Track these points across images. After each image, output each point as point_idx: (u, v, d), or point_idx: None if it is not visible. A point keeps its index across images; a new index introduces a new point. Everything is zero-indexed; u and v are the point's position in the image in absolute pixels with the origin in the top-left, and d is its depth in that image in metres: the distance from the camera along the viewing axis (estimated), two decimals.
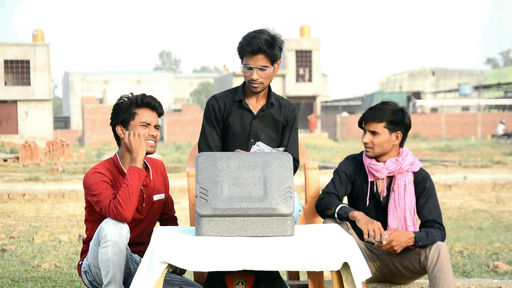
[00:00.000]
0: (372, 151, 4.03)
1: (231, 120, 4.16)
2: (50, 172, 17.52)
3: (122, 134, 3.87)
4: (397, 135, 4.03)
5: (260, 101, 4.18)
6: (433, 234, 3.87)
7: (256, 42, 3.94)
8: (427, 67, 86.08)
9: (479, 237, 7.91)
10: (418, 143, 37.40)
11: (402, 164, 4.02)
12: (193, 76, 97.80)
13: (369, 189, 4.06)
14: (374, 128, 4.01)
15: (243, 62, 4.04)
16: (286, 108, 4.22)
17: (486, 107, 62.07)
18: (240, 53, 4.04)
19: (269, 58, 3.99)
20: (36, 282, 5.26)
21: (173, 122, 52.65)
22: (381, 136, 4.00)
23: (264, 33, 3.98)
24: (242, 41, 4.01)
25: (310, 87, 52.27)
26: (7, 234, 7.92)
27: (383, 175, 4.02)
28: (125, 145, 3.83)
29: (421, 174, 4.07)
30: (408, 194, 3.99)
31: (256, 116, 4.16)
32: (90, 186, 3.74)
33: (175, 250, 3.17)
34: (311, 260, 3.19)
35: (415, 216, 4.01)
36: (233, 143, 4.16)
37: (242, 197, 3.24)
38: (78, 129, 63.14)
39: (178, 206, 11.06)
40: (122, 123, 3.87)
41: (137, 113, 3.85)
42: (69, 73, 72.82)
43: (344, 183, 4.08)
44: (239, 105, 4.17)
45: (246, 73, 4.03)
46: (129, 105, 3.86)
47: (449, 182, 13.94)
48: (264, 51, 3.96)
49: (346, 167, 4.13)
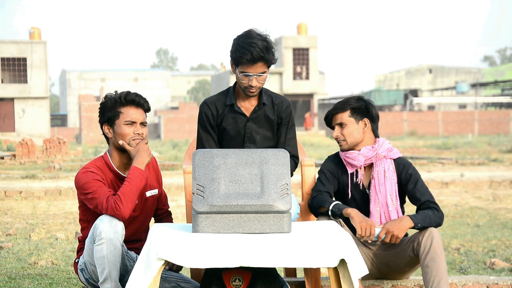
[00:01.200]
0: (345, 143, 4.07)
1: (225, 124, 4.13)
2: (47, 170, 17.51)
3: (109, 133, 3.86)
4: (364, 122, 4.06)
5: (252, 102, 4.14)
6: (429, 216, 3.87)
7: (255, 50, 3.85)
8: (424, 65, 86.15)
9: (476, 234, 7.92)
10: (415, 141, 37.43)
11: (378, 150, 4.04)
12: (190, 74, 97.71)
13: (349, 180, 4.07)
14: (340, 119, 4.06)
15: (238, 69, 3.96)
16: (279, 106, 4.18)
17: (483, 105, 62.12)
18: (236, 61, 3.94)
19: (267, 63, 3.95)
20: (33, 279, 5.26)
21: (170, 120, 52.61)
22: (348, 126, 4.04)
23: (258, 39, 3.89)
24: (239, 49, 3.89)
25: (307, 85, 52.28)
26: (4, 231, 7.91)
27: (360, 162, 4.04)
28: (113, 144, 3.84)
29: (402, 162, 4.08)
30: (388, 180, 4.00)
31: (250, 118, 4.12)
32: (83, 185, 3.73)
33: (172, 247, 3.17)
34: (308, 257, 3.19)
35: (397, 202, 4.01)
36: (228, 146, 4.14)
37: (239, 194, 3.24)
38: (75, 126, 63.07)
39: (175, 203, 11.06)
40: (108, 122, 3.86)
41: (122, 112, 3.82)
42: (66, 70, 72.69)
43: (330, 180, 4.11)
44: (231, 109, 4.12)
45: (244, 79, 3.96)
46: (113, 104, 3.84)
47: (446, 180, 13.95)
48: (263, 58, 3.90)
49: (328, 165, 4.16)
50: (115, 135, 3.84)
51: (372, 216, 4.01)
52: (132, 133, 3.82)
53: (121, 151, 3.87)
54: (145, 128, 3.89)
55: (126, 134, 3.81)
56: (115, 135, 3.84)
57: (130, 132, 3.82)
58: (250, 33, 3.94)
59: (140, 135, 3.84)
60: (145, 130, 3.89)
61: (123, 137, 3.82)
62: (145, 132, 3.88)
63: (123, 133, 3.81)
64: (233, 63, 4.00)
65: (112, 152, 3.90)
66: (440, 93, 73.40)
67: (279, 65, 51.72)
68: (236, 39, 3.97)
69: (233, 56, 3.96)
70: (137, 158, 3.75)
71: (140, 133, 3.84)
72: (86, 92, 66.24)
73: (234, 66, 4.01)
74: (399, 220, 3.83)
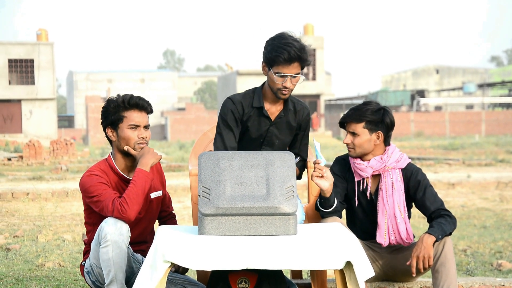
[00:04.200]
0: (354, 151, 4.04)
1: (249, 124, 4.07)
2: (54, 171, 17.55)
3: (112, 136, 3.86)
4: (377, 134, 4.01)
5: (278, 107, 4.09)
6: (445, 225, 3.82)
7: (292, 50, 3.83)
8: (431, 65, 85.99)
9: (482, 236, 7.90)
10: (422, 141, 37.36)
11: (386, 162, 4.00)
12: (197, 75, 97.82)
13: (356, 188, 4.06)
14: (354, 129, 4.01)
15: (273, 69, 3.90)
16: (300, 113, 4.14)
17: (490, 105, 61.95)
18: (272, 61, 3.89)
19: (302, 65, 3.91)
20: (40, 281, 5.27)
21: (177, 121, 52.65)
22: (360, 137, 4.00)
23: (293, 39, 3.87)
24: (276, 49, 3.86)
25: (314, 86, 52.24)
26: (11, 233, 7.93)
27: (367, 174, 4.02)
28: (117, 147, 3.85)
29: (410, 169, 4.04)
30: (396, 192, 3.98)
31: (273, 123, 4.08)
32: (88, 188, 3.73)
33: (178, 249, 3.18)
34: (314, 259, 3.19)
35: (405, 213, 3.99)
36: (246, 146, 4.10)
37: (244, 196, 3.24)
38: (82, 128, 63.21)
39: (181, 205, 11.08)
40: (111, 126, 3.86)
41: (126, 116, 3.82)
42: (73, 72, 72.87)
43: (338, 184, 4.06)
44: (258, 111, 4.06)
45: (278, 81, 3.90)
46: (116, 107, 3.83)
47: (452, 181, 13.92)
48: (300, 58, 3.87)
49: (336, 168, 4.14)
50: (118, 138, 3.84)
51: (380, 228, 3.99)
52: (137, 137, 3.82)
53: (125, 154, 3.88)
54: (148, 131, 3.90)
55: (130, 138, 3.82)
56: (118, 138, 3.84)
57: (135, 136, 3.82)
58: (284, 35, 3.92)
59: (144, 138, 3.85)
60: (149, 133, 3.90)
61: (128, 142, 3.82)
62: (148, 135, 3.89)
63: (127, 137, 3.82)
64: (267, 64, 3.94)
65: (116, 155, 3.90)
66: (447, 94, 73.24)
67: None
68: (270, 40, 3.93)
69: (269, 56, 3.90)
70: (142, 160, 3.76)
71: (144, 136, 3.85)
72: (93, 93, 66.40)
73: (267, 68, 3.96)
74: (421, 242, 3.77)
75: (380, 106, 4.04)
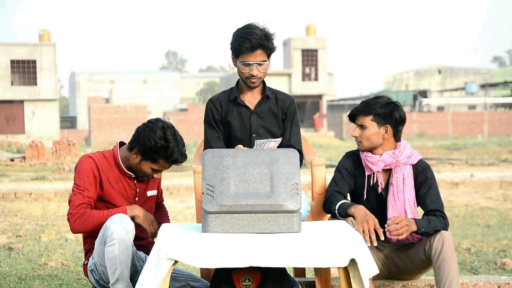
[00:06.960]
0: (362, 145, 4.03)
1: (230, 119, 4.17)
2: (57, 172, 17.57)
3: (134, 157, 3.81)
4: (386, 128, 3.99)
5: (256, 96, 4.20)
6: (434, 222, 3.84)
7: (254, 38, 3.94)
8: (434, 66, 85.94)
9: (486, 235, 7.89)
10: (425, 142, 37.33)
11: (399, 157, 3.99)
12: (199, 75, 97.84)
13: (366, 182, 4.05)
14: (362, 121, 4.01)
15: (239, 60, 4.03)
16: (283, 101, 4.24)
17: (493, 106, 61.92)
18: (236, 51, 4.03)
19: (266, 52, 4.02)
20: (43, 280, 5.27)
21: (179, 121, 52.67)
22: (368, 130, 3.99)
23: (257, 28, 3.99)
24: (238, 39, 3.99)
25: (316, 86, 52.23)
26: (14, 232, 7.93)
27: (378, 168, 4.00)
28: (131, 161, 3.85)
29: (421, 165, 4.03)
30: (407, 187, 3.97)
31: (254, 111, 4.17)
32: (78, 172, 3.77)
33: (182, 247, 3.17)
34: (318, 257, 3.18)
35: (415, 209, 3.98)
36: (236, 141, 4.16)
37: (248, 194, 3.23)
38: (84, 128, 63.24)
39: (184, 204, 11.08)
40: (142, 154, 3.80)
41: (160, 163, 3.80)
42: (76, 73, 72.95)
43: (346, 178, 4.07)
44: (235, 103, 4.18)
45: (244, 69, 4.03)
46: (159, 152, 3.75)
47: (456, 180, 13.91)
48: (262, 45, 3.97)
49: (346, 163, 4.12)
50: (137, 164, 3.83)
51: None
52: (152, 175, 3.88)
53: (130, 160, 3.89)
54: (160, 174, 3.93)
55: (146, 173, 3.86)
56: (137, 164, 3.83)
57: (150, 174, 3.86)
58: (249, 25, 4.05)
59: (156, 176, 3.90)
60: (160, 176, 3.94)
61: (141, 172, 3.85)
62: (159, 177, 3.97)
63: (145, 172, 3.85)
64: (234, 55, 4.07)
65: (126, 156, 3.88)
66: (449, 94, 73.19)
67: (288, 67, 51.71)
68: (235, 32, 4.07)
69: (233, 46, 4.04)
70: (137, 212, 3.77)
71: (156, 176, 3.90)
72: (95, 94, 66.42)
73: (235, 59, 4.08)
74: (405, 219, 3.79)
75: (390, 100, 4.03)
